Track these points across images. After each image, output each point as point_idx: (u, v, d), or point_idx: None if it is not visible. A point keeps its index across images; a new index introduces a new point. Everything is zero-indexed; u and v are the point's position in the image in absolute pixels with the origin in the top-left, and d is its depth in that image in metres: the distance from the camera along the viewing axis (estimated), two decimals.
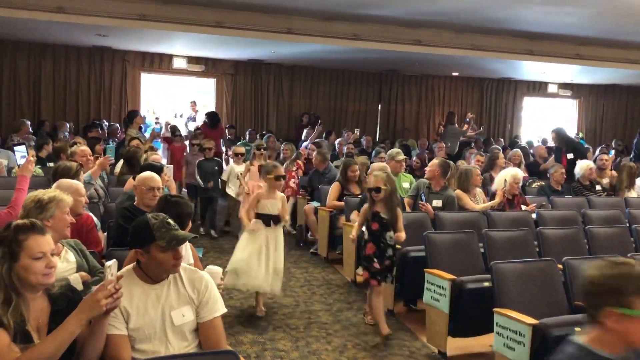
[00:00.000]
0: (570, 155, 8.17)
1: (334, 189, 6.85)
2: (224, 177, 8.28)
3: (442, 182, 5.98)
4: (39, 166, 7.04)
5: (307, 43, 9.99)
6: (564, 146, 8.46)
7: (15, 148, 7.25)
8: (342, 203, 6.58)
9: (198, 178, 8.00)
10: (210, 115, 11.10)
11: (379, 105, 14.99)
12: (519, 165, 7.97)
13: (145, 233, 2.42)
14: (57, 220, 3.02)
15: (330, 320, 5.01)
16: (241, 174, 7.67)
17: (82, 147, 5.88)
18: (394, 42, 10.19)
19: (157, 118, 13.68)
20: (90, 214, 4.18)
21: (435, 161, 6.16)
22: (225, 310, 2.58)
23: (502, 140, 14.04)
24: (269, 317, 5.06)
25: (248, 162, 7.70)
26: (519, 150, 9.24)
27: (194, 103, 14.06)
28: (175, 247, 2.42)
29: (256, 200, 5.08)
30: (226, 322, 4.70)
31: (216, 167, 8.23)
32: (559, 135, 8.65)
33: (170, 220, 2.50)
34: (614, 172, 7.78)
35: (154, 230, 2.40)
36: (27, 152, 6.80)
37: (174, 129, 9.89)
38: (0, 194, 5.28)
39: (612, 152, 11.63)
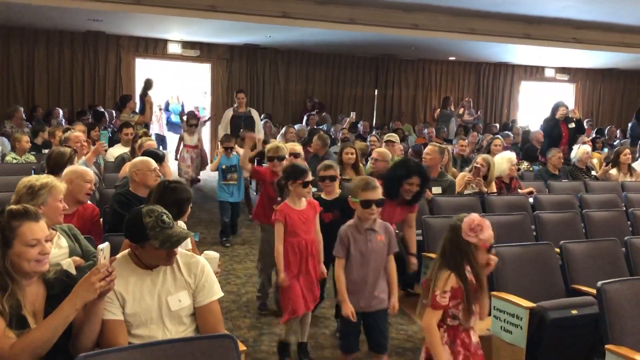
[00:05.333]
0: None
1: None
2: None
3: (439, 169, 5.96)
4: (33, 153, 7.02)
5: (303, 27, 9.90)
6: None
7: None
8: None
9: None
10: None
11: (376, 90, 14.93)
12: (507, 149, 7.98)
13: (138, 231, 2.37)
14: (49, 208, 2.97)
15: (328, 305, 5.00)
16: None
17: (76, 133, 5.84)
18: (391, 26, 10.12)
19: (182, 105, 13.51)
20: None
21: (434, 148, 5.99)
22: (222, 294, 2.57)
23: (497, 125, 14.04)
24: (266, 301, 5.06)
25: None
26: (510, 133, 9.21)
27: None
28: (169, 249, 2.38)
29: None
30: (223, 306, 4.71)
31: None
32: None
33: (165, 217, 2.42)
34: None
35: (147, 230, 2.35)
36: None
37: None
38: None
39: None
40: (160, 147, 11.75)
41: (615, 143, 12.06)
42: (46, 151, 6.65)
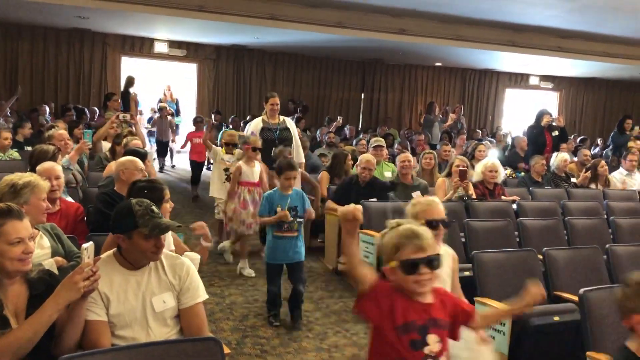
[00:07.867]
0: None
1: (324, 178, 6.77)
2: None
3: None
4: (16, 149, 6.92)
5: (291, 30, 9.91)
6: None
7: None
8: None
9: None
10: None
11: (362, 94, 15.00)
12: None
13: (128, 220, 2.38)
14: (31, 206, 2.93)
15: (312, 308, 5.00)
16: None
17: (60, 131, 5.78)
18: (378, 30, 10.18)
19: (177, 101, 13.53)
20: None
21: (407, 155, 6.34)
22: (206, 296, 2.56)
23: (480, 132, 14.15)
24: (250, 304, 5.05)
25: None
26: (488, 142, 9.34)
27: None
28: (158, 236, 2.40)
29: None
30: (207, 309, 4.67)
31: None
32: None
33: (154, 208, 2.46)
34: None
35: (137, 217, 2.37)
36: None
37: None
38: None
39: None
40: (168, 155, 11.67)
41: (596, 151, 12.23)
42: (28, 148, 6.57)
